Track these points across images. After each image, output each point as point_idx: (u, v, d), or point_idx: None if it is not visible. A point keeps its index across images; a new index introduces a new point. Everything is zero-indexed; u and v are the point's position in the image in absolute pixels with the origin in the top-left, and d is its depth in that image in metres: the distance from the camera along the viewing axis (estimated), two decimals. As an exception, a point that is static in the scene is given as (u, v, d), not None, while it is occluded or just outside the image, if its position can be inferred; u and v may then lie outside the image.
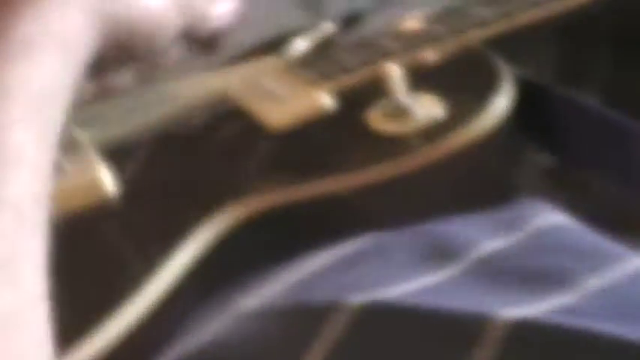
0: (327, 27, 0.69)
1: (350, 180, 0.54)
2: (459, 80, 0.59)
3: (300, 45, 0.67)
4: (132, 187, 0.55)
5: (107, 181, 0.55)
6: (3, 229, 0.37)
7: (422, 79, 0.58)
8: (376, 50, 0.61)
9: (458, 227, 0.49)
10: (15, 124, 0.39)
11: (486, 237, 0.47)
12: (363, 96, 0.58)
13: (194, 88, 0.63)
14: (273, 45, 0.68)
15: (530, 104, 0.58)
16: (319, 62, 0.63)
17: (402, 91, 0.56)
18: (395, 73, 0.56)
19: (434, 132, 0.55)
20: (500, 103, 0.57)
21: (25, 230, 0.38)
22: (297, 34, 0.69)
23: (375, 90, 0.58)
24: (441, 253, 0.47)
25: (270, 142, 0.57)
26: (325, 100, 0.59)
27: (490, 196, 0.54)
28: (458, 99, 0.57)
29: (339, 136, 0.57)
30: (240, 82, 0.63)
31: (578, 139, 0.58)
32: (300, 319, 0.44)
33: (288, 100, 0.60)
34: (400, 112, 0.56)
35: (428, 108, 0.56)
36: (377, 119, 0.56)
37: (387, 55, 0.60)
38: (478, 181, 0.56)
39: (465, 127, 0.55)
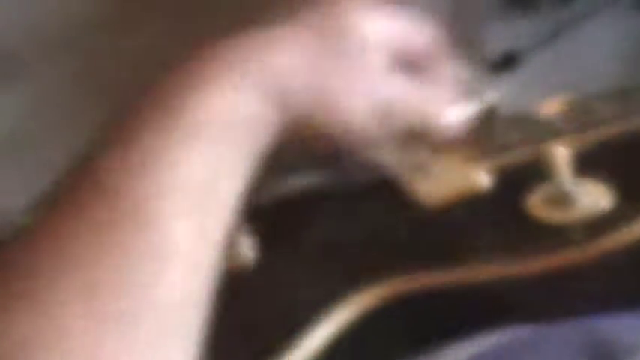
0: (490, 96, 0.66)
1: (503, 270, 0.50)
2: (628, 169, 0.55)
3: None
4: (282, 249, 0.53)
5: (245, 246, 0.53)
6: (147, 336, 0.35)
7: (588, 164, 0.54)
8: (540, 129, 0.58)
9: (621, 326, 0.45)
10: (170, 218, 0.37)
11: None
12: (522, 177, 0.55)
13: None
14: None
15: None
16: (478, 135, 0.59)
17: (567, 177, 0.52)
18: (561, 155, 0.52)
19: (599, 225, 0.51)
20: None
21: (171, 337, 0.36)
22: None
23: (535, 172, 0.54)
24: (604, 354, 0.43)
25: (419, 219, 0.54)
26: (482, 178, 0.55)
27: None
28: (626, 190, 0.53)
29: (494, 219, 0.53)
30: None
31: None
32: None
33: (442, 176, 0.56)
34: (564, 200, 0.52)
35: (594, 197, 0.52)
36: (537, 205, 0.52)
37: (551, 135, 0.57)
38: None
39: (633, 224, 0.51)
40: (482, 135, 0.59)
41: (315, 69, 0.44)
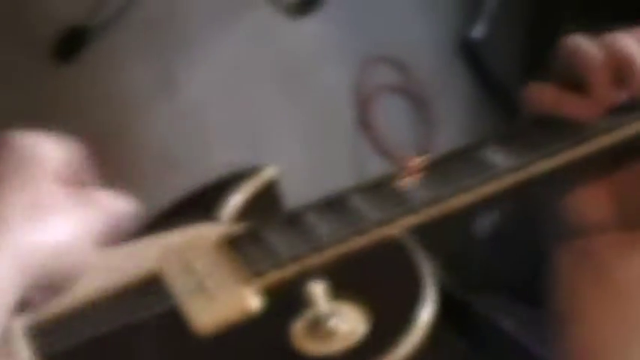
0: (267, 174, 0.70)
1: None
2: (382, 285, 0.59)
3: (236, 201, 0.67)
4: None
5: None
6: None
7: (344, 282, 0.58)
8: (308, 240, 0.61)
9: None
10: None
11: None
12: (288, 300, 0.59)
13: (124, 261, 0.63)
14: (209, 193, 0.68)
15: (450, 312, 0.59)
16: (251, 245, 0.62)
17: (324, 308, 0.57)
18: (318, 289, 0.57)
19: (358, 355, 0.56)
20: (424, 316, 0.57)
21: None
22: (235, 181, 0.69)
23: (299, 295, 0.58)
24: None
25: (195, 350, 0.58)
26: (253, 301, 0.59)
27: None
28: (381, 310, 0.57)
29: (263, 352, 0.58)
30: (171, 259, 0.63)
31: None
32: None
33: (217, 297, 0.60)
34: (323, 331, 0.57)
35: (351, 324, 0.57)
36: (300, 336, 0.57)
37: (317, 249, 0.61)
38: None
39: (389, 348, 0.56)
40: (255, 243, 0.62)
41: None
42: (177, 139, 1.65)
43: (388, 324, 0.57)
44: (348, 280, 0.58)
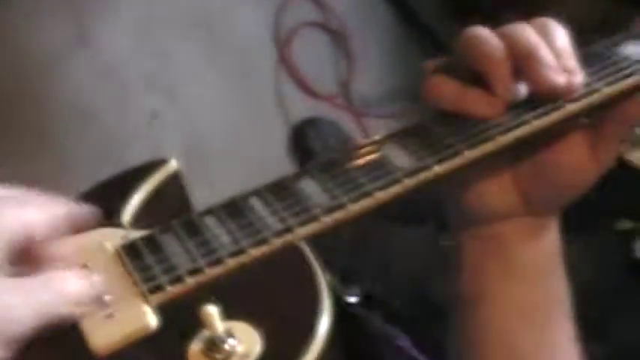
0: (169, 168, 0.68)
1: None
2: (279, 300, 0.59)
3: (137, 201, 0.66)
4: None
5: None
6: None
7: (240, 297, 0.58)
8: (208, 251, 0.60)
9: None
10: None
11: None
12: (185, 318, 0.58)
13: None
14: (109, 194, 0.67)
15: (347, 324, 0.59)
16: (151, 255, 0.61)
17: (219, 329, 0.57)
18: (212, 311, 0.56)
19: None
20: (322, 329, 0.58)
21: None
22: (135, 178, 0.68)
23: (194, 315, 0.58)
24: None
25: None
26: (151, 319, 0.59)
27: None
28: (278, 326, 0.58)
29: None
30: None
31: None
32: None
33: (114, 314, 0.59)
34: (219, 353, 0.57)
35: (247, 344, 0.57)
36: (196, 358, 0.57)
37: (216, 262, 0.60)
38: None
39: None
40: (155, 253, 0.61)
41: None
42: (94, 91, 1.62)
43: (285, 339, 0.57)
44: (244, 295, 0.58)
